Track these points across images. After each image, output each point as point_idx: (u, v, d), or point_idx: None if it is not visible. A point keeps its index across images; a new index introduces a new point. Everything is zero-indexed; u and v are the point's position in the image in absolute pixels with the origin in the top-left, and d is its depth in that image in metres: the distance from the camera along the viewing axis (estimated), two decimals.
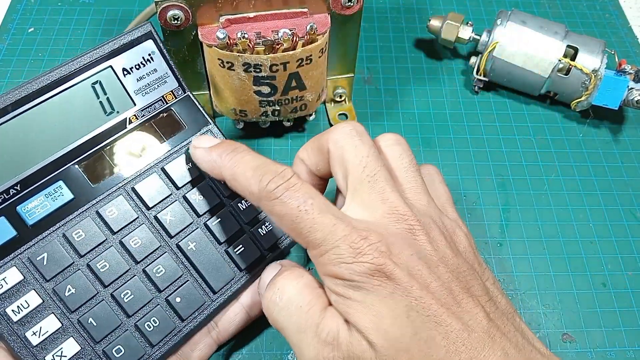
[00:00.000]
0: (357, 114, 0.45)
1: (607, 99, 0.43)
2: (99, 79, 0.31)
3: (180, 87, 0.34)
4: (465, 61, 0.50)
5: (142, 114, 0.33)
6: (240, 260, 0.33)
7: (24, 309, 0.28)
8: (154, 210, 0.32)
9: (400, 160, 0.29)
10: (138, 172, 0.32)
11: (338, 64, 0.43)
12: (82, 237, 0.30)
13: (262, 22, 0.36)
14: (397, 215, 0.26)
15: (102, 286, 0.30)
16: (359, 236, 0.25)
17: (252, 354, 0.35)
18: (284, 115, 0.40)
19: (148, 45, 0.33)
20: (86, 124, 0.31)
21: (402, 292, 0.24)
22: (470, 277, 0.26)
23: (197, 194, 0.33)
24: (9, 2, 0.53)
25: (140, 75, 0.33)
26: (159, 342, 0.30)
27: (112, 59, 0.32)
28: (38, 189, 0.30)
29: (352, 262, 0.24)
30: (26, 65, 0.48)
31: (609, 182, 0.43)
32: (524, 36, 0.44)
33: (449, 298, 0.25)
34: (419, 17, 0.54)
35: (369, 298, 0.24)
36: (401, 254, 0.25)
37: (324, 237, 0.25)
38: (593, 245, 0.40)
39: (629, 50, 0.52)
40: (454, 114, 0.47)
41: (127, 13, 0.52)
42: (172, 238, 0.32)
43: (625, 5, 0.56)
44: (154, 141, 0.33)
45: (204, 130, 0.34)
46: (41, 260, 0.29)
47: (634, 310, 0.37)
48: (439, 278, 0.25)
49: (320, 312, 0.26)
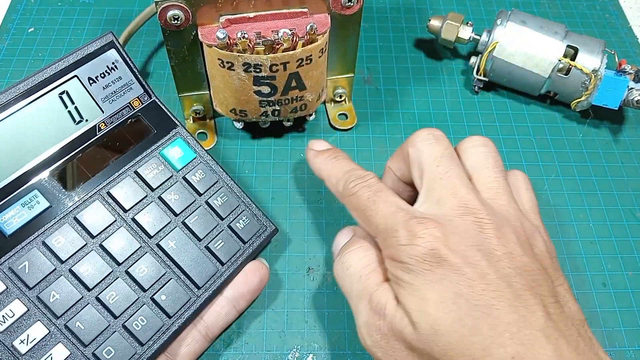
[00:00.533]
0: (357, 114, 0.45)
1: (607, 99, 0.43)
2: (65, 88, 0.32)
3: (145, 93, 0.35)
4: (465, 61, 0.50)
5: (111, 120, 0.34)
6: (222, 254, 0.34)
7: (9, 318, 0.28)
8: (131, 212, 0.33)
9: (484, 160, 0.30)
10: (112, 177, 0.33)
11: (338, 64, 0.43)
12: (62, 243, 0.30)
13: (262, 22, 0.36)
14: (465, 208, 0.27)
15: (86, 290, 0.30)
16: (417, 222, 0.26)
17: (252, 354, 0.35)
18: (284, 115, 0.40)
19: (111, 54, 0.34)
20: (57, 133, 0.32)
21: (453, 278, 0.25)
22: (538, 277, 0.26)
23: (173, 193, 0.34)
24: (9, 2, 0.53)
25: (106, 83, 0.34)
26: (149, 341, 0.31)
27: (77, 69, 0.33)
28: (14, 199, 0.30)
29: (407, 244, 0.26)
30: (26, 65, 0.48)
31: (609, 182, 0.43)
32: (524, 36, 0.44)
33: (506, 291, 0.25)
34: (419, 17, 0.54)
35: (417, 281, 0.26)
36: (460, 242, 0.26)
37: (386, 222, 0.27)
38: (593, 245, 0.40)
39: (629, 50, 0.52)
40: (454, 114, 0.47)
41: (127, 13, 0.52)
42: (152, 238, 0.33)
43: (625, 5, 0.56)
44: (124, 146, 0.34)
45: (173, 133, 0.35)
46: (22, 269, 0.29)
47: (634, 310, 0.37)
48: (498, 271, 0.25)
49: (376, 285, 0.28)
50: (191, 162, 0.35)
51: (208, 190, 0.35)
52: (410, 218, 0.27)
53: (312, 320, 0.36)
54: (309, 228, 0.40)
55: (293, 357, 0.35)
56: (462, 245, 0.26)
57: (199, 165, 0.35)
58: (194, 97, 0.42)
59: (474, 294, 0.25)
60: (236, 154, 0.43)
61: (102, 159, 0.33)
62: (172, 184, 0.34)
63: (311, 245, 0.39)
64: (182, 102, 0.42)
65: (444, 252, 0.25)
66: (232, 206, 0.35)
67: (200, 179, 0.35)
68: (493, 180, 0.29)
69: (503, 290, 0.25)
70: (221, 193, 0.35)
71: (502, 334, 0.24)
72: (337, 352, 0.35)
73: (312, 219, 0.40)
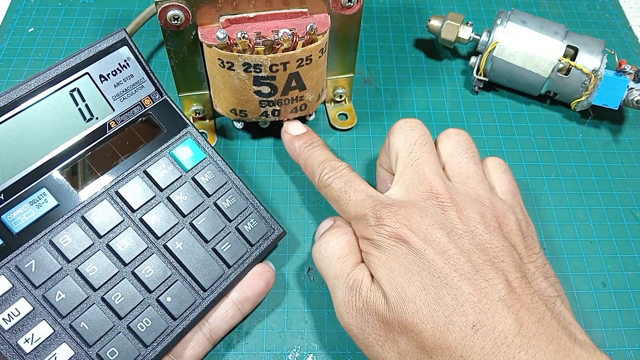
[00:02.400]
0: (357, 114, 0.45)
1: (607, 99, 0.43)
2: (76, 86, 0.32)
3: (157, 91, 0.35)
4: (465, 61, 0.50)
5: (121, 119, 0.34)
6: (228, 257, 0.34)
7: (15, 317, 0.28)
8: (139, 212, 0.32)
9: (456, 147, 0.32)
10: (121, 176, 0.33)
11: (338, 64, 0.43)
12: (69, 243, 0.30)
13: (262, 22, 0.36)
14: (430, 193, 0.30)
15: (92, 290, 0.30)
16: (383, 207, 0.30)
17: (252, 354, 0.35)
18: (284, 115, 0.40)
19: (123, 51, 0.33)
20: (67, 130, 0.32)
21: (415, 254, 0.28)
22: (503, 253, 0.28)
23: (181, 194, 0.34)
24: (9, 2, 0.53)
25: (117, 81, 0.33)
26: (153, 342, 0.30)
27: (89, 66, 0.32)
28: (22, 196, 0.30)
29: (375, 225, 0.29)
30: (26, 65, 0.48)
31: (609, 182, 0.43)
32: (524, 36, 0.44)
33: (466, 265, 0.27)
34: (419, 17, 0.54)
35: (385, 255, 0.29)
36: (420, 223, 0.29)
37: (356, 209, 0.31)
38: (593, 245, 0.40)
39: (629, 50, 0.52)
40: (454, 114, 0.47)
41: (127, 13, 0.52)
42: (159, 239, 0.32)
43: (625, 5, 0.56)
44: (134, 145, 0.34)
45: (183, 132, 0.35)
46: (29, 268, 0.29)
47: (634, 310, 0.37)
48: (458, 247, 0.28)
49: (352, 264, 0.31)
50: (201, 163, 0.35)
51: (217, 191, 0.35)
52: (377, 204, 0.30)
53: (312, 320, 0.36)
54: (309, 228, 0.40)
55: (293, 357, 0.35)
56: (423, 225, 0.29)
57: (208, 165, 0.35)
58: (194, 97, 0.42)
59: (435, 267, 0.27)
60: (236, 154, 0.43)
61: (112, 157, 0.33)
62: (180, 185, 0.34)
63: (311, 245, 0.39)
64: (182, 102, 0.42)
65: (405, 231, 0.28)
66: (241, 208, 0.35)
67: (209, 180, 0.35)
68: (464, 166, 0.32)
69: (463, 265, 0.27)
70: (230, 194, 0.35)
71: (463, 303, 0.26)
72: (337, 352, 0.35)
73: (312, 219, 0.40)
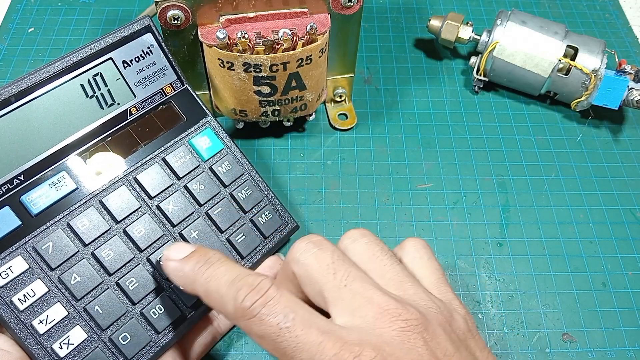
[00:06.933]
0: (357, 114, 0.45)
1: (607, 99, 0.43)
2: (100, 70, 0.32)
3: (178, 80, 0.35)
4: (465, 61, 0.50)
5: (142, 105, 0.34)
6: (242, 248, 0.34)
7: (30, 298, 0.28)
8: (156, 199, 0.33)
9: (369, 252, 0.27)
10: (140, 163, 0.33)
11: (338, 64, 0.43)
12: (87, 226, 0.30)
13: (262, 22, 0.36)
14: (389, 314, 0.24)
15: (107, 274, 0.30)
16: (351, 354, 0.22)
17: (252, 354, 0.35)
18: (284, 115, 0.40)
19: (147, 38, 0.34)
20: (88, 115, 0.32)
21: None
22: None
23: (198, 183, 0.34)
24: (9, 2, 0.53)
25: (140, 67, 0.33)
26: (165, 329, 0.31)
27: (113, 51, 0.32)
28: (42, 179, 0.30)
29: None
30: (26, 65, 0.48)
31: (609, 182, 0.43)
32: (524, 36, 0.44)
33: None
34: (419, 17, 0.54)
35: None
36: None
37: (311, 357, 0.22)
38: (593, 245, 0.40)
39: (629, 50, 0.52)
40: (454, 114, 0.47)
41: (127, 13, 0.52)
42: (175, 227, 0.33)
43: (625, 5, 0.56)
44: (154, 132, 0.34)
45: (202, 122, 0.35)
46: (46, 249, 0.29)
47: (634, 310, 0.37)
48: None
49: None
50: (218, 153, 0.35)
51: (233, 182, 0.35)
52: (341, 348, 0.22)
53: None
54: (309, 228, 0.40)
55: None
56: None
57: (226, 156, 0.35)
58: None
59: None
60: None
61: (131, 143, 0.33)
62: (198, 174, 0.34)
63: None
64: None
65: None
66: (256, 200, 0.35)
67: (227, 171, 0.35)
68: (389, 270, 0.26)
69: None
70: (246, 186, 0.35)
71: None
72: None
73: (312, 219, 0.40)
